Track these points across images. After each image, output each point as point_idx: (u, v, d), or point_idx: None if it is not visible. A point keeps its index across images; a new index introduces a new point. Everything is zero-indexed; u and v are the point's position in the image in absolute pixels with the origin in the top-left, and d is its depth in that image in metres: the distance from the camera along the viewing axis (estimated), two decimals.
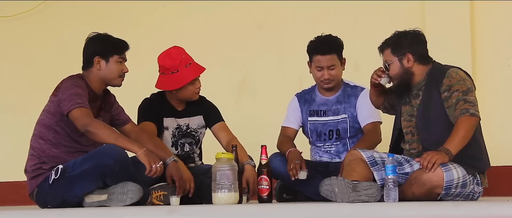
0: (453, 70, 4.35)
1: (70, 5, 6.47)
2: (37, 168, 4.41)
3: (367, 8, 5.96)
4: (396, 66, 4.43)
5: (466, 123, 4.20)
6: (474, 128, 4.22)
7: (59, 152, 4.41)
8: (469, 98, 4.24)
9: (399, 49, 4.42)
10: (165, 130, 4.87)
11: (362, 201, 4.08)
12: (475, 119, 4.22)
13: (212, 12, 6.27)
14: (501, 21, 5.77)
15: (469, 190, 4.27)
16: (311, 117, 5.00)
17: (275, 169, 4.74)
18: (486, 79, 5.64)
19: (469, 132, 4.20)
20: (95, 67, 4.50)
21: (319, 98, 5.02)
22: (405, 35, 4.45)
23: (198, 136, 4.94)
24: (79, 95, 4.34)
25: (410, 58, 4.41)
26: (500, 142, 5.58)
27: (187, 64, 4.76)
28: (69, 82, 4.43)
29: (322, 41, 4.94)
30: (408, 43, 4.42)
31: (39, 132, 4.45)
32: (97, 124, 4.32)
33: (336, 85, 4.98)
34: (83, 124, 4.29)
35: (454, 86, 4.28)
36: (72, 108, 4.31)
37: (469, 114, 4.20)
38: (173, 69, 4.75)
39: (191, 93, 4.82)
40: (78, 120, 4.30)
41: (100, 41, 4.55)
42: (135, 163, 4.39)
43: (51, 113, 4.43)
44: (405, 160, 4.39)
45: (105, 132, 4.31)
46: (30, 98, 6.45)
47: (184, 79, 4.75)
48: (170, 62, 4.75)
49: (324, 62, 4.88)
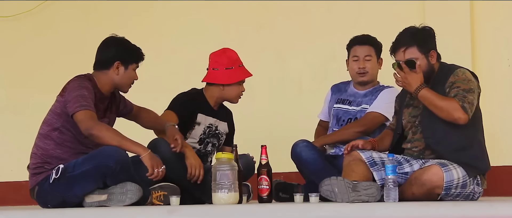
0: (460, 70, 4.33)
1: (70, 5, 6.47)
2: (39, 166, 4.41)
3: (367, 8, 5.96)
4: (424, 64, 4.35)
5: (452, 105, 4.16)
6: (451, 117, 4.16)
7: (62, 153, 4.41)
8: (468, 96, 4.21)
9: (426, 46, 4.36)
10: (196, 125, 4.93)
11: (362, 201, 4.08)
12: (461, 113, 4.15)
13: (212, 12, 6.27)
14: (501, 21, 5.77)
15: (469, 190, 4.26)
16: (337, 104, 5.12)
17: (298, 154, 4.84)
18: (486, 79, 5.63)
19: (443, 110, 4.16)
20: (112, 71, 4.50)
21: (351, 90, 5.13)
22: (425, 31, 4.41)
23: (221, 140, 5.05)
24: (84, 97, 4.34)
25: (434, 54, 4.39)
26: (500, 142, 5.58)
27: (241, 65, 4.94)
28: (76, 83, 4.42)
29: (361, 35, 5.08)
30: (432, 40, 4.40)
31: (44, 131, 4.45)
32: (101, 127, 4.33)
33: (370, 81, 5.06)
34: (87, 127, 4.30)
35: (457, 83, 4.26)
36: (76, 110, 4.31)
37: (461, 104, 4.16)
38: (228, 65, 4.89)
39: (236, 94, 4.96)
40: (82, 122, 4.31)
41: (123, 46, 4.55)
42: (135, 163, 4.39)
43: (57, 114, 4.43)
44: (405, 159, 4.39)
45: (108, 135, 4.32)
46: (30, 98, 6.46)
47: (237, 76, 4.89)
48: (226, 59, 4.91)
49: (361, 51, 5.00)
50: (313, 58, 6.02)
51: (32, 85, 6.46)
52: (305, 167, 4.89)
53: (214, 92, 4.96)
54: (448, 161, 4.23)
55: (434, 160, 4.27)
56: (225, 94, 4.95)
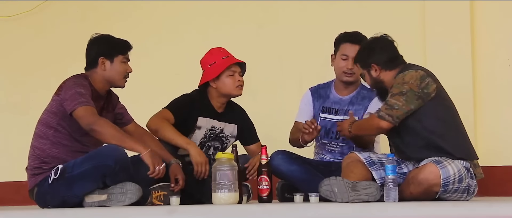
0: (404, 73, 4.37)
1: (70, 5, 6.47)
2: (38, 167, 4.41)
3: (367, 8, 5.95)
4: (368, 78, 4.56)
5: (370, 120, 4.40)
6: (374, 128, 4.39)
7: (59, 152, 4.40)
8: (390, 101, 4.30)
9: (364, 62, 4.54)
10: (197, 129, 4.88)
11: (362, 200, 4.09)
12: (379, 121, 4.31)
13: (212, 12, 6.27)
14: (501, 21, 5.77)
15: (465, 184, 4.27)
16: (323, 114, 5.02)
17: (276, 167, 4.75)
18: (486, 79, 5.64)
19: (367, 128, 4.46)
20: (99, 68, 4.50)
21: (333, 95, 5.03)
22: (368, 46, 4.56)
23: (225, 144, 4.98)
24: (82, 94, 4.33)
25: (376, 67, 4.49)
26: (500, 142, 5.58)
27: (225, 56, 4.85)
28: (72, 81, 4.42)
29: (353, 32, 4.99)
30: (370, 54, 4.51)
31: (40, 131, 4.45)
32: (103, 123, 4.32)
33: (354, 83, 4.99)
34: (88, 123, 4.28)
35: (392, 89, 4.36)
36: (76, 107, 4.30)
37: (377, 115, 4.32)
38: (211, 62, 4.85)
39: (231, 87, 4.86)
40: (83, 118, 4.29)
41: (104, 41, 4.55)
42: (135, 163, 4.39)
43: (53, 113, 4.43)
44: (401, 160, 4.42)
45: (110, 131, 4.31)
46: (30, 98, 6.45)
47: (220, 67, 4.82)
48: (208, 56, 4.88)
49: (351, 50, 4.88)
50: (313, 58, 6.01)
51: (32, 85, 6.46)
52: (288, 180, 4.88)
53: (212, 93, 4.91)
54: (441, 158, 4.25)
55: (429, 158, 4.28)
56: (220, 90, 4.87)
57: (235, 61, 4.85)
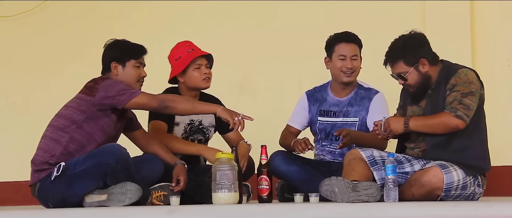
0: (463, 71, 4.31)
1: (70, 5, 6.47)
2: (44, 161, 4.38)
3: (367, 8, 5.96)
4: (414, 75, 4.35)
5: (444, 118, 4.19)
6: (449, 128, 4.19)
7: (75, 148, 4.37)
8: (465, 101, 4.20)
9: (413, 57, 4.34)
10: (175, 126, 4.89)
11: (362, 201, 4.08)
12: (458, 121, 4.17)
13: (212, 12, 6.27)
14: (501, 21, 5.77)
15: (469, 191, 4.26)
16: (321, 117, 4.99)
17: (275, 168, 4.75)
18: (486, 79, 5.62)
19: (439, 126, 4.21)
20: (112, 73, 4.54)
21: (330, 98, 5.00)
22: (411, 41, 4.38)
23: (208, 134, 4.98)
24: (127, 87, 4.41)
25: (425, 62, 4.35)
26: (501, 142, 5.57)
27: (190, 50, 4.85)
28: (108, 81, 4.46)
29: (345, 32, 4.95)
30: (419, 49, 4.35)
31: (61, 124, 4.42)
32: (172, 98, 4.46)
33: (352, 83, 4.95)
34: (160, 102, 4.40)
35: (457, 86, 4.25)
36: (132, 97, 4.37)
37: (454, 114, 4.18)
38: (176, 57, 4.85)
39: (198, 80, 4.85)
40: (150, 102, 4.40)
41: (116, 46, 4.60)
42: (136, 163, 4.40)
43: (82, 111, 4.41)
44: (406, 159, 4.38)
45: (182, 102, 4.45)
46: (30, 98, 6.46)
47: (185, 62, 4.81)
48: (174, 51, 4.89)
49: (348, 50, 4.87)
50: (313, 58, 6.00)
51: (32, 85, 6.46)
52: (287, 180, 4.88)
53: (182, 87, 4.90)
54: (448, 163, 4.23)
55: (435, 161, 4.26)
56: (188, 84, 4.86)
57: (200, 54, 4.85)
